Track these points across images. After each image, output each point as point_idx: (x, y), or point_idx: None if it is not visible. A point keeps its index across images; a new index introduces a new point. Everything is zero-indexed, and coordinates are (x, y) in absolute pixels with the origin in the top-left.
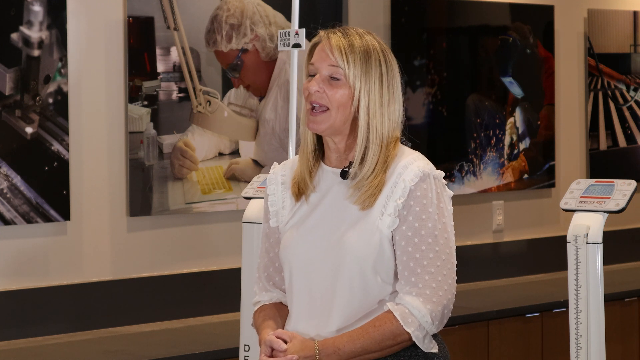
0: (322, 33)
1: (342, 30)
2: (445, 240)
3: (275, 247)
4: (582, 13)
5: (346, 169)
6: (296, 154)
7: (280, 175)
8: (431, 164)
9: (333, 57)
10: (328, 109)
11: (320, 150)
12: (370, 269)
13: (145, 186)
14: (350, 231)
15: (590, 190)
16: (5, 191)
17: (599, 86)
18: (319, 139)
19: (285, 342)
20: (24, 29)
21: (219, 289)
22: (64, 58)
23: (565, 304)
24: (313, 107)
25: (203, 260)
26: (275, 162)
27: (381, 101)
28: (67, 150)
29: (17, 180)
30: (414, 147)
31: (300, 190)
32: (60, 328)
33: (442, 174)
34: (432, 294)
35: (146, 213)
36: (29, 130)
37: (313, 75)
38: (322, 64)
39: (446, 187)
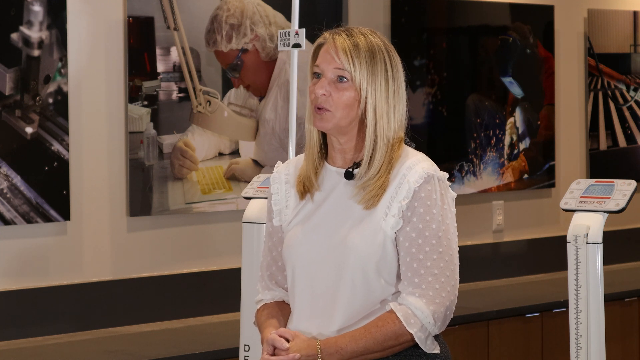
0: (326, 34)
1: (347, 31)
2: (449, 242)
3: (278, 246)
4: (582, 13)
5: (350, 170)
6: (296, 154)
7: (284, 174)
8: (435, 165)
9: (339, 59)
10: (332, 111)
11: (324, 149)
12: (373, 269)
13: (145, 186)
14: (354, 231)
15: (590, 190)
16: (5, 191)
17: (599, 86)
18: (324, 139)
19: (288, 340)
20: (24, 29)
21: (219, 289)
22: (64, 58)
23: (565, 304)
24: (319, 108)
25: (203, 260)
26: (279, 161)
27: (387, 102)
28: (67, 150)
29: (17, 180)
30: (416, 147)
31: (305, 189)
32: (60, 328)
33: (446, 175)
34: (435, 295)
35: (146, 213)
36: (29, 130)
37: (318, 75)
38: (327, 67)
39: (450, 188)
